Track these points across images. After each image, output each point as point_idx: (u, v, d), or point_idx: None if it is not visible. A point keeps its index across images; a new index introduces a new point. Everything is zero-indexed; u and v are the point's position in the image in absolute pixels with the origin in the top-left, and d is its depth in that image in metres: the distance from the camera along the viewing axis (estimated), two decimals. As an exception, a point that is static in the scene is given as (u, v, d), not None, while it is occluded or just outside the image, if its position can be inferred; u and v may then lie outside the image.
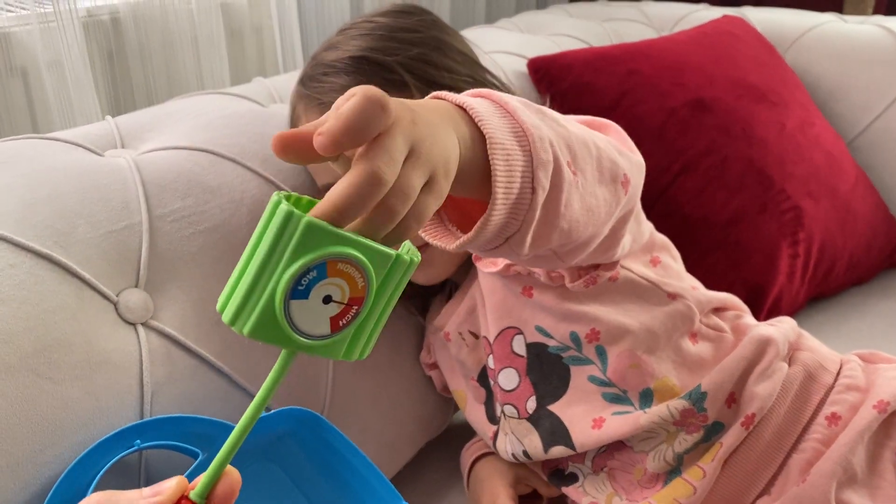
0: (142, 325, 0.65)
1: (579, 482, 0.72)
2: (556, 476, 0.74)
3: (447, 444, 0.91)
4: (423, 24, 0.78)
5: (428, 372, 0.86)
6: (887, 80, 1.30)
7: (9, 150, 0.71)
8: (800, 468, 0.65)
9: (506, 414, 0.74)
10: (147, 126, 0.82)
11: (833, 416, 0.66)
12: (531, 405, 0.72)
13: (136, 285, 0.67)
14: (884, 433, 0.65)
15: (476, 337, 0.77)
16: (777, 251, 1.08)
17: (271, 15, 1.22)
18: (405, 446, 0.85)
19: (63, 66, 0.97)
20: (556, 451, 0.70)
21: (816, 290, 1.16)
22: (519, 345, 0.72)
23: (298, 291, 0.35)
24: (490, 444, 0.78)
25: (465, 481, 0.84)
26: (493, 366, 0.74)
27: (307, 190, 0.80)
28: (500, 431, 0.76)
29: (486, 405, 0.78)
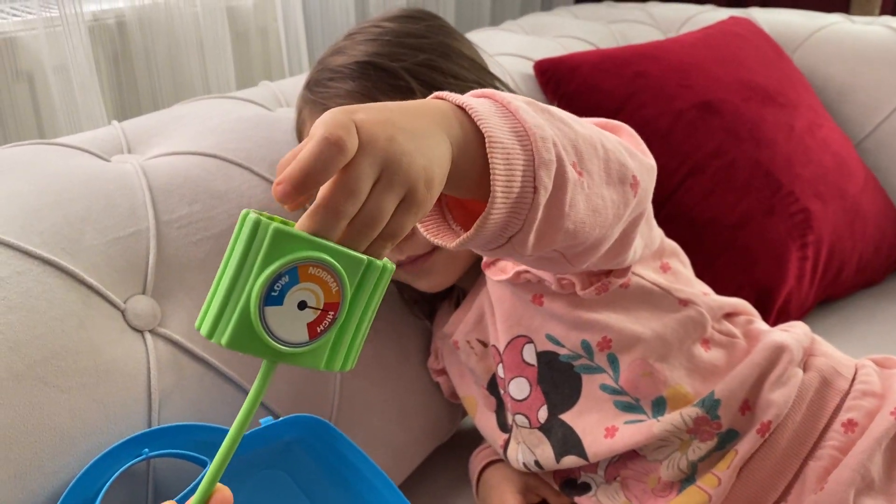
0: (149, 332, 0.65)
1: (592, 492, 0.71)
2: (569, 486, 0.73)
3: (455, 450, 0.90)
4: (430, 30, 0.78)
5: (435, 378, 0.86)
6: (895, 80, 1.30)
7: (14, 156, 0.71)
8: (817, 476, 0.64)
9: (517, 423, 0.74)
10: (153, 131, 0.82)
11: (850, 423, 0.66)
12: (543, 414, 0.71)
13: (144, 292, 0.66)
14: (901, 439, 0.65)
15: (485, 345, 0.77)
16: (786, 254, 1.08)
17: (277, 18, 1.22)
18: (413, 452, 0.84)
19: (69, 70, 0.97)
20: (569, 460, 0.70)
21: (825, 293, 1.15)
22: (529, 354, 0.71)
23: (273, 298, 0.35)
24: (500, 452, 0.77)
25: (473, 488, 0.83)
26: (504, 375, 0.73)
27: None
28: (511, 440, 0.75)
29: (496, 413, 0.78)
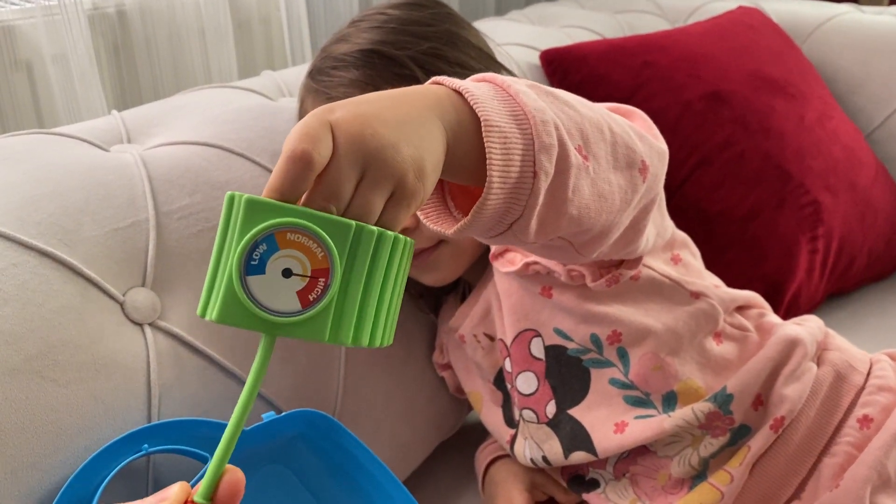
0: (149, 325, 0.64)
1: (601, 488, 0.70)
2: (577, 482, 0.72)
3: (460, 446, 0.89)
4: (436, 18, 0.76)
5: (441, 373, 0.85)
6: (906, 71, 1.28)
7: (12, 146, 0.69)
8: (832, 472, 0.63)
9: (524, 418, 0.72)
10: (154, 121, 0.80)
11: (865, 419, 0.64)
12: (551, 409, 0.70)
13: (143, 284, 0.65)
14: (918, 435, 0.63)
15: (491, 339, 0.75)
16: (796, 247, 1.06)
17: (279, 6, 1.21)
18: (418, 447, 0.83)
19: (68, 59, 0.95)
20: (577, 456, 0.68)
21: (835, 287, 1.14)
22: (537, 348, 0.70)
23: (253, 266, 0.35)
24: (507, 447, 0.76)
25: (479, 484, 0.82)
26: (511, 369, 0.72)
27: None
28: (518, 436, 0.74)
29: (503, 408, 0.76)
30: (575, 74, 1.13)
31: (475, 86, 0.45)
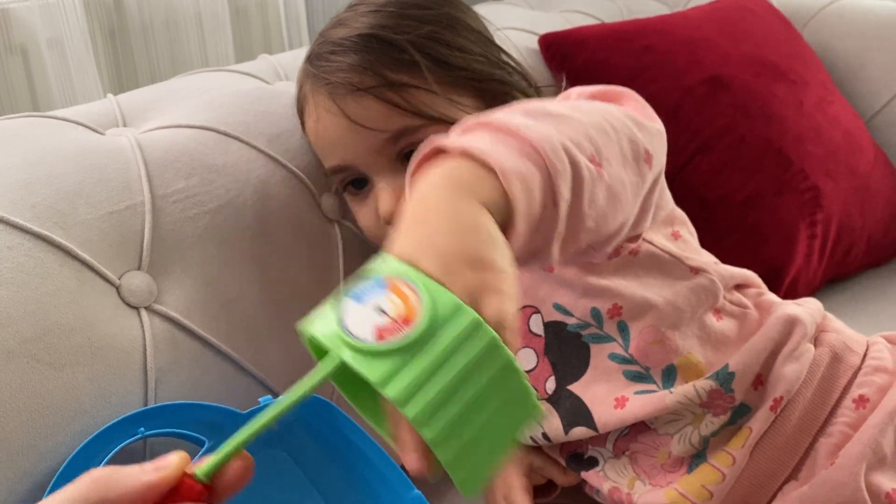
0: (145, 309, 0.64)
1: (599, 466, 0.70)
2: (575, 460, 0.72)
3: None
4: (435, 1, 0.76)
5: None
6: (906, 57, 1.27)
7: (6, 129, 0.69)
8: (828, 452, 0.63)
9: None
10: (149, 104, 0.80)
11: (861, 399, 0.65)
12: (550, 385, 0.70)
13: (139, 268, 0.65)
14: (913, 414, 0.63)
15: None
16: (795, 232, 1.06)
17: (276, -9, 1.20)
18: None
19: (63, 44, 0.95)
20: (578, 432, 0.68)
21: (834, 272, 1.13)
22: (536, 324, 0.70)
23: (357, 295, 0.38)
24: None
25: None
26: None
27: (314, 171, 0.78)
28: None
29: None
30: (574, 59, 1.12)
31: (476, 139, 0.45)
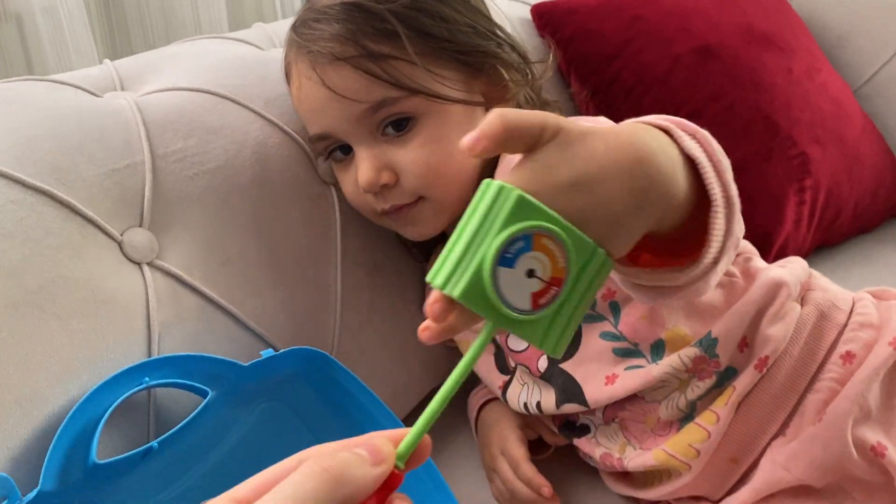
0: (147, 264, 0.64)
1: (591, 433, 0.71)
2: (567, 427, 0.73)
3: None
4: None
5: (432, 319, 0.86)
6: (894, 27, 1.28)
7: (6, 91, 0.70)
8: (815, 408, 0.64)
9: (520, 369, 0.74)
10: (147, 69, 0.81)
11: (848, 355, 0.65)
12: (543, 364, 0.71)
13: (141, 225, 0.66)
14: (899, 369, 0.65)
15: None
16: (783, 198, 1.07)
17: (269, -40, 1.20)
18: (412, 390, 0.84)
19: (59, 11, 0.95)
20: (569, 407, 0.69)
21: (822, 238, 1.15)
22: None
23: (506, 259, 0.36)
24: (498, 393, 0.77)
25: (472, 427, 0.83)
26: None
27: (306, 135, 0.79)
28: (513, 381, 0.75)
29: (495, 356, 0.77)
30: (565, 28, 1.13)
31: (700, 155, 0.47)
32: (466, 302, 0.36)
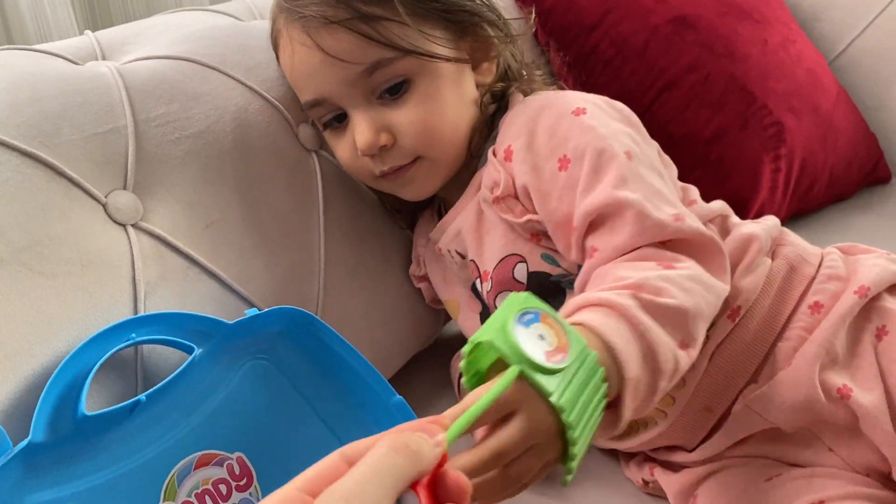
0: (132, 226, 0.65)
1: None
2: None
3: (437, 356, 0.92)
4: None
5: (417, 284, 0.87)
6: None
7: (-13, 58, 0.70)
8: (785, 355, 0.66)
9: None
10: (127, 39, 0.81)
11: (816, 305, 0.67)
12: None
13: (125, 188, 0.67)
14: (864, 317, 0.66)
15: (463, 257, 0.78)
16: (759, 166, 1.09)
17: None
18: (396, 353, 0.86)
19: (37, -17, 0.95)
20: None
21: (797, 206, 1.17)
22: (521, 273, 0.72)
23: (521, 321, 0.45)
24: None
25: (455, 390, 0.85)
26: (490, 289, 0.74)
27: (291, 102, 0.79)
28: None
29: (481, 315, 0.79)
30: (544, 0, 1.14)
31: (622, 340, 0.51)
32: (494, 343, 0.43)
